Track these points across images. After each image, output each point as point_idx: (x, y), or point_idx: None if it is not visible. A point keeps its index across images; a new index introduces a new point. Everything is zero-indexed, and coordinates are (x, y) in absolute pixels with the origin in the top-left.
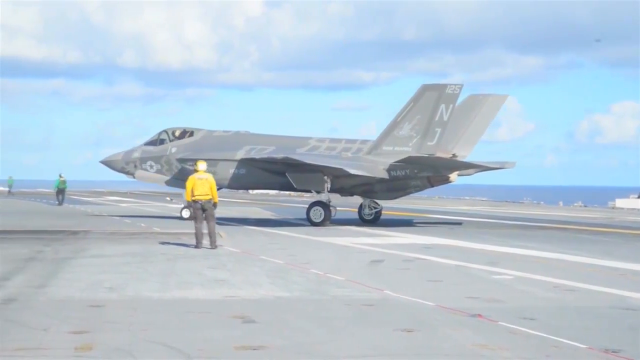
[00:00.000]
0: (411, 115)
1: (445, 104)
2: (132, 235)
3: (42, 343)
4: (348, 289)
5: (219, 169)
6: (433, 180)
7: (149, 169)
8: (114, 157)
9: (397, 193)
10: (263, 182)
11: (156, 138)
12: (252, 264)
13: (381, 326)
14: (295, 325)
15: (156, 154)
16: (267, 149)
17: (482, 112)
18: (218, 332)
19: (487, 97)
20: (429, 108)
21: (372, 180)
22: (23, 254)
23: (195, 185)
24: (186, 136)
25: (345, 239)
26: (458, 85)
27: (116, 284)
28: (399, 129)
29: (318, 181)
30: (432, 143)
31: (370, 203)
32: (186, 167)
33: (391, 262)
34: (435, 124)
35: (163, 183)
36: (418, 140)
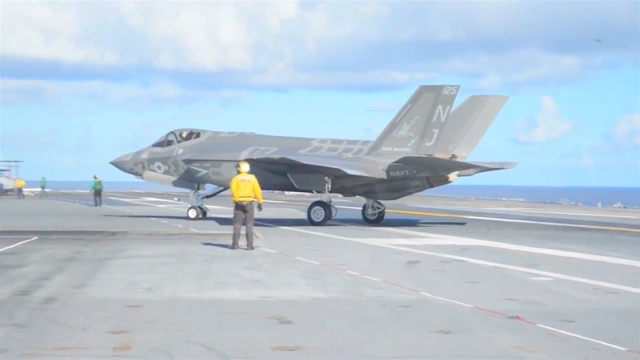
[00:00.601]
0: (410, 116)
1: (443, 105)
2: (169, 236)
3: (81, 342)
4: (384, 290)
5: (223, 170)
6: (432, 181)
7: (156, 170)
8: (123, 158)
9: (397, 193)
10: (266, 183)
11: (164, 139)
12: (288, 264)
13: (417, 327)
14: (331, 326)
15: (163, 155)
16: (270, 150)
17: (482, 113)
18: (254, 332)
19: (487, 98)
20: (426, 109)
21: (372, 181)
22: (63, 254)
23: (239, 187)
24: (192, 137)
25: (381, 240)
26: (455, 86)
27: (154, 284)
28: (398, 129)
29: (319, 181)
30: (430, 144)
31: (373, 203)
32: (192, 168)
33: (427, 263)
34: (433, 124)
35: (170, 184)
36: (416, 141)
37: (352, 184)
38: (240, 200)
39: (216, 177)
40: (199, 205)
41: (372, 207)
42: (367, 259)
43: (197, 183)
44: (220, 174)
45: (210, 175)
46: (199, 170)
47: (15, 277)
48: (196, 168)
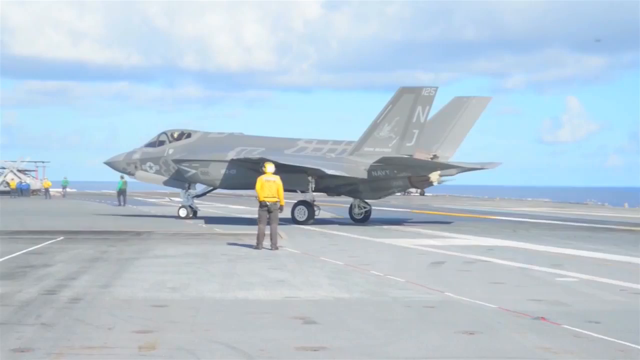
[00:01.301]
0: (390, 117)
1: (422, 106)
2: (193, 236)
3: (107, 342)
4: (408, 290)
5: (211, 170)
6: (414, 181)
7: (148, 170)
8: (117, 158)
9: (380, 193)
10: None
11: (155, 140)
12: (312, 265)
13: (442, 328)
14: (356, 326)
15: (155, 155)
16: (257, 150)
17: (465, 113)
18: (279, 332)
19: (471, 99)
20: (406, 110)
21: (354, 181)
22: (89, 254)
23: (263, 187)
24: (183, 138)
25: (406, 240)
26: (433, 87)
27: (179, 284)
28: (379, 130)
29: (302, 181)
30: (410, 144)
31: (359, 203)
32: (182, 168)
33: (452, 263)
34: (412, 125)
35: (161, 183)
36: (397, 141)
37: (335, 184)
38: (264, 200)
39: (205, 177)
40: (190, 205)
41: (359, 206)
42: (391, 259)
43: (187, 182)
44: (208, 174)
45: (199, 175)
46: (188, 170)
47: (42, 277)
48: (185, 168)
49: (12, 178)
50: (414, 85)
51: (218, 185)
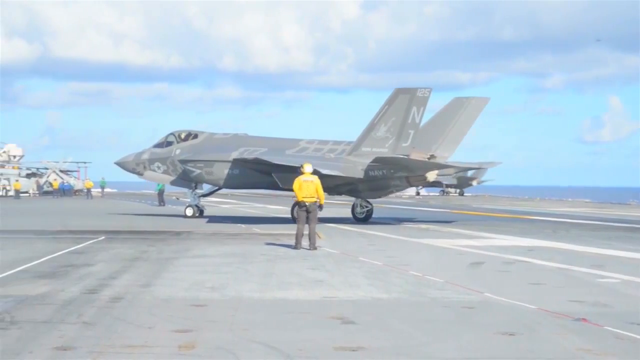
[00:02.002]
0: (386, 118)
1: (417, 106)
2: (232, 236)
3: (147, 341)
4: (447, 291)
5: (215, 169)
6: (411, 180)
7: (156, 170)
8: (126, 159)
9: (379, 192)
10: (254, 182)
11: (163, 140)
12: (350, 265)
13: (482, 329)
14: (394, 326)
15: (163, 156)
16: (259, 150)
17: (464, 114)
18: (317, 332)
19: (469, 100)
20: (402, 111)
21: (352, 180)
22: (129, 254)
23: (301, 187)
24: (190, 138)
25: (444, 240)
26: (428, 89)
27: (217, 283)
28: (376, 130)
29: None
30: (406, 144)
31: (361, 202)
32: (187, 168)
33: (491, 264)
34: (408, 126)
35: (169, 183)
36: (393, 141)
37: (334, 184)
38: (302, 200)
39: (209, 177)
40: (196, 204)
41: (361, 205)
42: (429, 260)
43: (193, 182)
44: (212, 174)
45: (203, 174)
46: (194, 170)
47: (83, 276)
48: (191, 168)
49: (54, 178)
50: (409, 86)
51: (222, 184)
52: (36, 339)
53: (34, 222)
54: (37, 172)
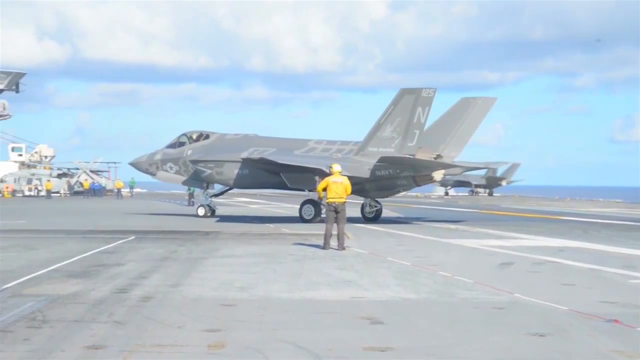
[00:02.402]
0: (392, 118)
1: (422, 106)
2: (261, 236)
3: (177, 340)
4: (477, 291)
5: (225, 170)
6: (418, 180)
7: (169, 170)
8: (140, 159)
9: (386, 192)
10: (263, 182)
11: (176, 141)
12: (379, 265)
13: (512, 330)
14: (424, 327)
15: (175, 156)
16: (268, 151)
17: (472, 114)
18: (346, 332)
19: (477, 100)
20: (407, 111)
21: (359, 180)
22: (159, 253)
23: (330, 188)
24: (202, 139)
25: (474, 241)
26: (432, 89)
27: (246, 283)
28: (382, 130)
29: (309, 181)
30: (412, 144)
31: (370, 202)
32: (198, 168)
33: (521, 264)
34: (413, 125)
35: (181, 183)
36: (399, 141)
37: None
38: (332, 201)
39: (219, 177)
40: (208, 204)
41: (370, 205)
42: (459, 260)
43: (204, 182)
44: (222, 174)
45: (214, 175)
46: (204, 170)
47: (114, 275)
48: (202, 168)
49: (85, 179)
50: (414, 87)
51: (232, 184)
52: (68, 338)
53: (66, 221)
54: (68, 173)
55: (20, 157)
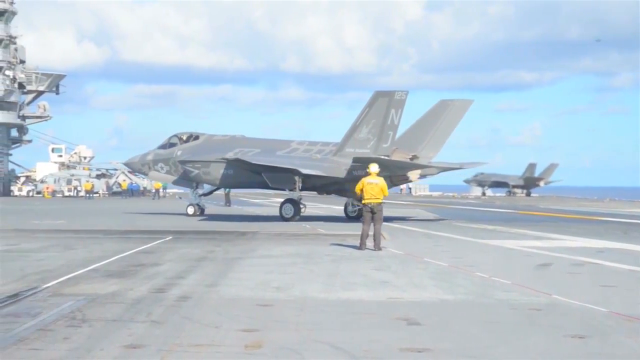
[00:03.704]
0: (368, 120)
1: (395, 109)
2: (297, 236)
3: (214, 340)
4: (514, 292)
5: (212, 170)
6: (394, 180)
7: (160, 170)
8: (133, 160)
9: None
10: (248, 182)
11: (167, 142)
12: (415, 266)
13: (550, 331)
14: (460, 328)
15: (165, 157)
16: (253, 151)
17: (449, 115)
18: (382, 333)
19: (453, 102)
20: (382, 113)
21: (337, 180)
22: (196, 253)
23: (365, 189)
24: (191, 140)
25: (511, 241)
26: (404, 91)
27: (283, 283)
28: (358, 132)
29: (289, 180)
30: (386, 145)
31: (352, 201)
32: (186, 169)
33: (560, 265)
34: (388, 127)
35: (171, 183)
36: (375, 142)
37: (321, 183)
38: (368, 201)
39: (206, 177)
40: (197, 203)
41: (352, 204)
42: (496, 261)
43: (193, 182)
44: (209, 174)
45: (201, 175)
46: (192, 171)
47: (152, 275)
48: (189, 168)
49: (123, 179)
50: (387, 89)
51: (218, 184)
52: (106, 337)
53: (104, 221)
54: (106, 173)
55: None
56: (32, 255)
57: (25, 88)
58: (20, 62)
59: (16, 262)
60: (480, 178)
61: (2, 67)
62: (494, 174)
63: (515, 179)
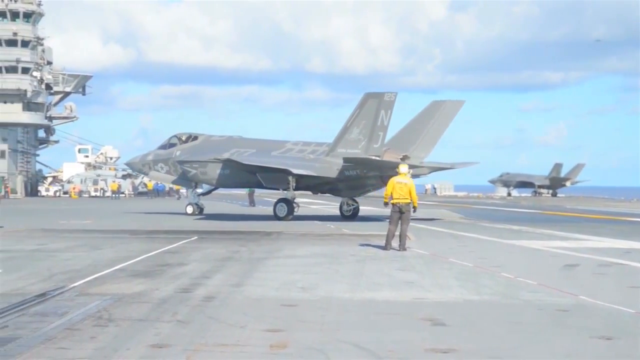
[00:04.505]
0: (358, 121)
1: (385, 110)
2: (322, 236)
3: (239, 340)
4: (540, 293)
5: (209, 170)
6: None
7: (160, 170)
8: (134, 160)
9: (357, 191)
10: (243, 182)
11: (167, 142)
12: (440, 266)
13: (577, 333)
14: (486, 329)
15: (165, 157)
16: (249, 151)
17: (440, 116)
18: (407, 334)
19: (445, 103)
20: (372, 114)
21: (329, 180)
22: (221, 253)
23: (395, 189)
24: (190, 140)
25: (537, 242)
26: (393, 93)
27: (308, 284)
28: (350, 133)
29: (282, 180)
30: (377, 145)
31: (347, 200)
32: (184, 169)
33: (586, 266)
34: (378, 128)
35: (171, 183)
36: (365, 143)
37: (314, 183)
38: (397, 201)
39: (203, 177)
40: (196, 202)
41: (347, 203)
42: (522, 262)
43: (191, 182)
44: (206, 174)
45: (198, 174)
46: (190, 170)
47: (177, 275)
48: (187, 168)
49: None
50: (377, 91)
51: (215, 184)
52: (133, 337)
53: (130, 221)
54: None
55: (86, 158)
56: (59, 255)
57: (52, 89)
58: (47, 64)
59: (44, 261)
60: (505, 178)
61: (30, 69)
62: (519, 174)
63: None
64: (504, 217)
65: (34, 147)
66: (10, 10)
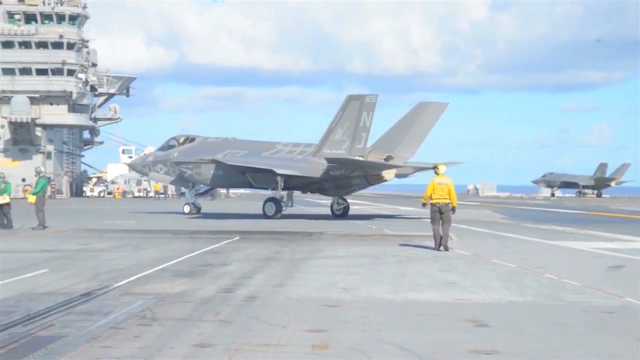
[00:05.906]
0: (342, 122)
1: (367, 111)
2: (363, 236)
3: (281, 340)
4: (585, 294)
5: (203, 170)
6: (370, 179)
7: (159, 171)
8: (135, 161)
9: (343, 190)
10: (235, 182)
11: (166, 144)
12: (483, 267)
13: (622, 335)
14: (529, 330)
15: (163, 158)
16: (240, 153)
17: (425, 117)
18: (450, 335)
19: (430, 104)
20: (354, 116)
21: (315, 180)
22: (262, 254)
23: (435, 189)
24: (187, 142)
25: (581, 243)
26: (374, 95)
27: (349, 284)
28: (334, 134)
29: (269, 180)
30: (360, 146)
31: (337, 200)
32: (181, 169)
33: (633, 267)
34: (360, 129)
35: (169, 183)
36: (349, 144)
37: (302, 183)
38: (436, 201)
39: (198, 177)
40: (193, 202)
41: (337, 203)
42: (566, 263)
43: (188, 182)
44: (201, 174)
45: (194, 175)
46: (186, 171)
47: (219, 275)
48: (184, 169)
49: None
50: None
51: (209, 184)
52: (176, 336)
53: (172, 222)
54: None
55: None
56: (103, 254)
57: (96, 91)
58: (92, 65)
59: (89, 261)
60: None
61: (75, 71)
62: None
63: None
64: (547, 217)
65: (79, 148)
66: (56, 13)
